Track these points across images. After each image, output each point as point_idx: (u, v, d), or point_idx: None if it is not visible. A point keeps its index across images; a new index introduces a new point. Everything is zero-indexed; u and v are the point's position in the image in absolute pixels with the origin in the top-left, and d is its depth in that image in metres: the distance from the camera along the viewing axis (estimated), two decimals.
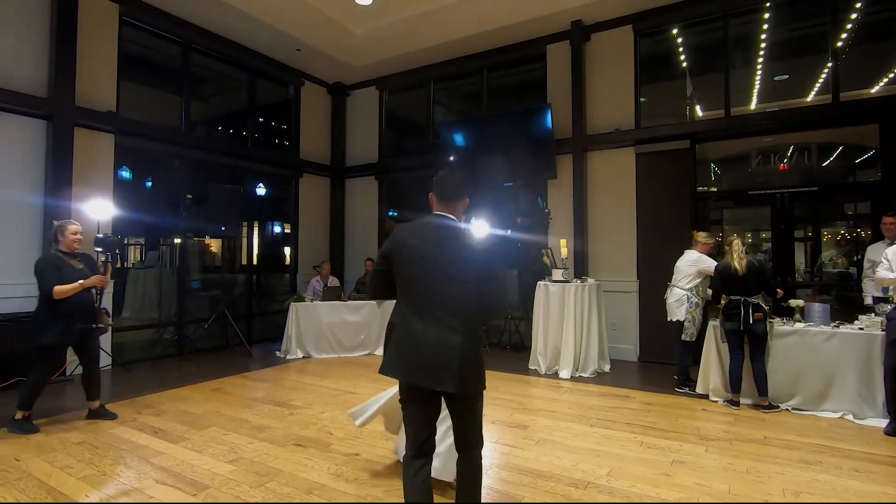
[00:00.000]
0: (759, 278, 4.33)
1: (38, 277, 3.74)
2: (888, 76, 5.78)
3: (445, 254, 2.02)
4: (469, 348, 1.97)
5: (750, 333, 4.31)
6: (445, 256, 2.02)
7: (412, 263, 2.04)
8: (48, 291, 3.68)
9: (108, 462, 3.22)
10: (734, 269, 4.34)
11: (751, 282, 4.31)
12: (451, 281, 2.00)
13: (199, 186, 7.29)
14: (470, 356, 1.97)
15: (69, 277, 3.76)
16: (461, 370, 1.93)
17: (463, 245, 2.04)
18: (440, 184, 2.14)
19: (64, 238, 3.85)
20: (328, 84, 9.02)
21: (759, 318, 4.23)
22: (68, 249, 3.87)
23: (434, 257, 2.02)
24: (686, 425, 3.99)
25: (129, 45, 6.33)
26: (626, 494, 2.80)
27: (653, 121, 6.64)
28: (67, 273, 3.77)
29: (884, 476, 3.06)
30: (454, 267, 2.00)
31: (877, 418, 3.97)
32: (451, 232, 2.07)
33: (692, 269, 4.99)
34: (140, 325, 6.77)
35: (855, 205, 6.77)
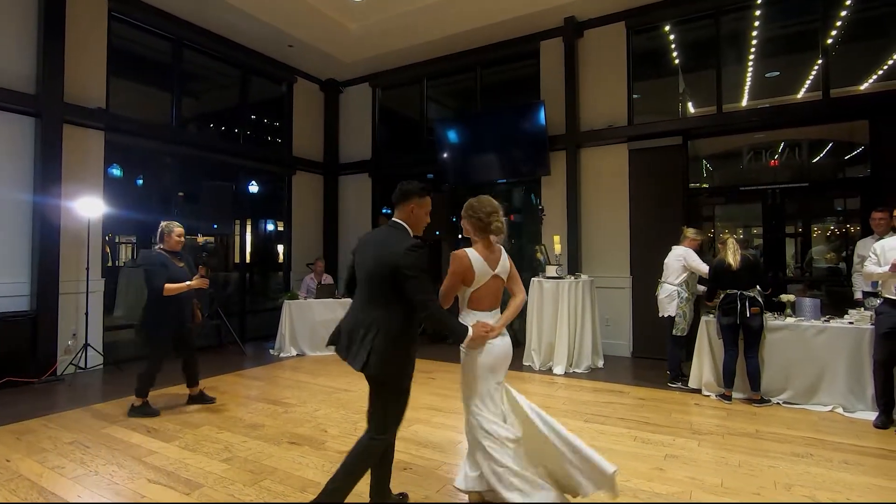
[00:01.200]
0: (754, 272, 4.38)
1: (148, 275, 4.00)
2: (878, 73, 5.83)
3: (377, 253, 2.29)
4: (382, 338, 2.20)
5: (746, 328, 4.34)
6: (376, 255, 2.29)
7: (359, 260, 2.40)
8: (159, 288, 3.94)
9: (101, 462, 3.19)
10: (728, 264, 4.38)
11: (745, 276, 4.35)
12: (375, 276, 2.26)
13: (191, 184, 7.25)
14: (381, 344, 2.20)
15: (175, 275, 4.03)
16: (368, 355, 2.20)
17: (390, 244, 2.25)
18: (392, 195, 2.45)
19: (169, 238, 4.15)
20: (321, 81, 8.97)
21: (755, 312, 4.27)
22: (172, 249, 4.15)
23: (369, 255, 2.32)
24: (679, 420, 4.02)
25: (118, 40, 6.26)
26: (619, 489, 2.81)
27: (646, 117, 6.66)
28: (174, 271, 4.05)
29: (873, 468, 3.10)
30: (379, 263, 2.25)
31: (866, 411, 4.02)
32: (390, 232, 2.35)
33: (678, 264, 5.02)
34: (132, 324, 6.70)
35: (844, 200, 6.83)
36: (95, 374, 5.56)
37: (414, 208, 2.38)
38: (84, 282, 5.53)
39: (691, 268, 4.94)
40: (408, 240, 2.26)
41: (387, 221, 2.41)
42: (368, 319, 2.25)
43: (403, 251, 2.18)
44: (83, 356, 5.51)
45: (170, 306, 4.03)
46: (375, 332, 2.21)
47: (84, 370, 5.52)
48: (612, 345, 6.40)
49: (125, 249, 7.73)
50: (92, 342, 5.59)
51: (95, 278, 5.74)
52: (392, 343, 2.21)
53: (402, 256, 2.17)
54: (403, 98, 8.93)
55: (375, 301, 2.26)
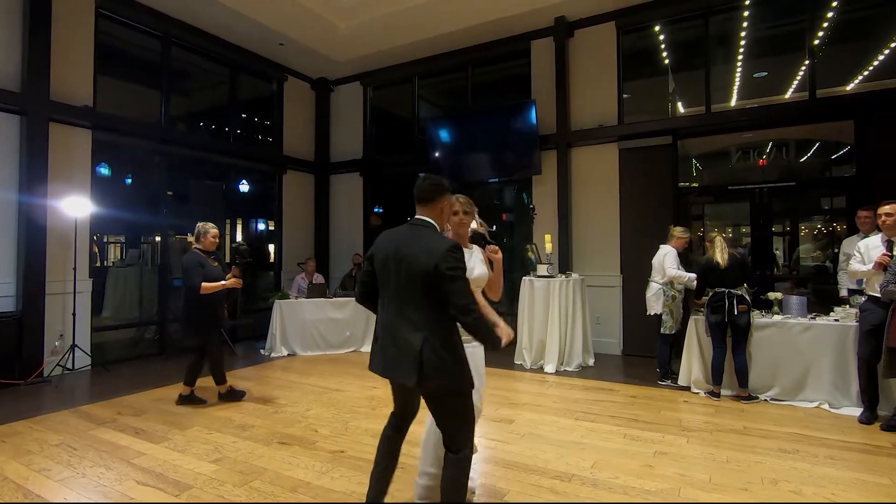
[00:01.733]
0: (741, 271, 4.43)
1: (186, 273, 4.22)
2: (863, 73, 5.91)
3: (410, 254, 2.08)
4: (431, 346, 2.02)
5: (733, 325, 4.40)
6: (409, 256, 2.08)
7: (384, 264, 2.17)
8: (197, 287, 4.16)
9: (88, 464, 3.16)
10: (716, 262, 4.43)
11: (733, 274, 4.40)
12: (413, 280, 2.06)
13: (181, 183, 7.18)
14: (431, 353, 2.01)
15: (211, 274, 4.27)
16: (420, 366, 2.00)
17: (426, 245, 2.07)
18: (416, 188, 2.24)
19: (205, 239, 4.39)
20: (312, 79, 8.93)
21: (743, 309, 4.33)
22: (207, 249, 4.39)
23: (400, 258, 2.10)
24: (668, 417, 4.05)
25: (106, 38, 6.19)
26: (609, 486, 2.84)
27: (636, 117, 6.70)
28: (209, 270, 4.28)
29: (857, 463, 3.15)
30: (417, 266, 2.04)
31: (851, 407, 4.08)
32: (419, 232, 2.15)
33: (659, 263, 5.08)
34: (120, 325, 6.65)
35: (831, 199, 6.92)
36: (83, 375, 5.50)
37: (444, 207, 2.23)
38: (71, 282, 5.46)
39: (664, 268, 4.99)
40: (445, 240, 2.10)
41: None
42: (411, 328, 2.06)
43: (444, 251, 2.00)
44: (70, 357, 5.45)
45: (207, 303, 4.25)
46: (422, 340, 2.02)
47: (71, 371, 5.46)
48: (603, 343, 6.44)
49: (113, 249, 7.66)
50: (79, 343, 5.53)
51: (83, 278, 5.67)
52: (444, 349, 2.03)
53: (443, 257, 1.99)
54: (395, 97, 8.92)
55: (415, 307, 2.06)
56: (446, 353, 2.04)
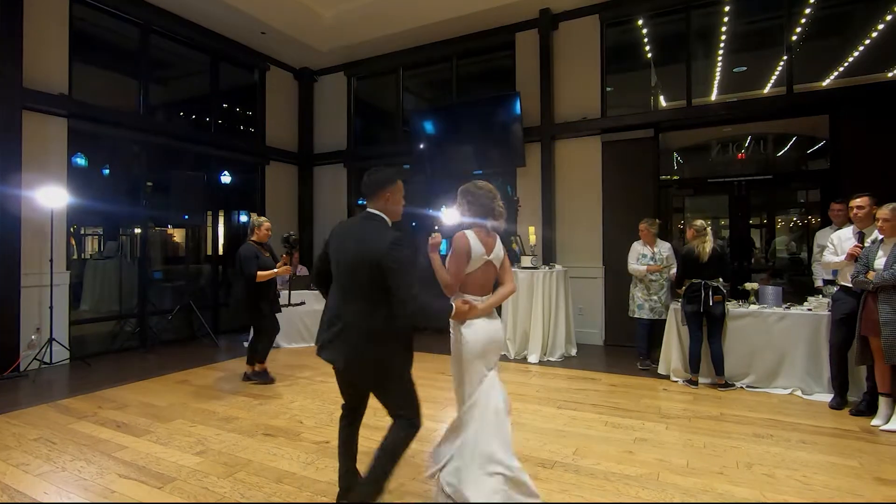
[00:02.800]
0: (720, 264, 4.53)
1: (242, 263, 4.56)
2: (838, 70, 6.05)
3: (355, 246, 2.19)
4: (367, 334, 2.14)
5: (709, 315, 4.50)
6: (354, 249, 2.19)
7: (335, 254, 2.29)
8: (253, 275, 4.52)
9: (68, 458, 3.12)
10: (698, 254, 4.51)
11: (712, 267, 4.49)
12: (356, 271, 2.17)
13: (160, 174, 7.04)
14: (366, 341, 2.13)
15: (264, 263, 4.63)
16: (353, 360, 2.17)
17: (370, 239, 2.16)
18: (362, 183, 2.36)
19: (259, 231, 4.74)
20: (295, 69, 8.80)
21: (718, 300, 4.44)
22: (261, 241, 4.73)
23: (345, 249, 2.23)
24: (648, 405, 4.15)
25: (82, 24, 6.01)
26: (591, 472, 2.90)
27: (619, 110, 6.77)
28: (263, 260, 4.64)
29: (828, 446, 3.27)
30: (360, 258, 2.15)
31: (823, 393, 4.23)
32: (365, 225, 2.25)
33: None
34: (99, 318, 6.53)
35: (806, 192, 7.11)
36: (61, 369, 5.40)
37: (389, 196, 2.30)
38: (48, 274, 5.34)
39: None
40: (389, 233, 2.19)
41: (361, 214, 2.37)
42: (348, 317, 2.17)
43: (388, 246, 2.09)
44: (48, 351, 5.33)
45: (262, 289, 4.65)
46: (356, 330, 2.14)
47: (49, 365, 5.34)
48: (585, 333, 6.53)
49: (91, 241, 7.50)
50: (57, 336, 5.41)
51: (60, 271, 5.55)
52: (374, 340, 2.14)
53: (386, 252, 2.08)
54: (379, 88, 8.85)
55: (355, 297, 2.18)
56: (375, 343, 2.14)
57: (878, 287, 3.48)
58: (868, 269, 3.59)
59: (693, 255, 4.54)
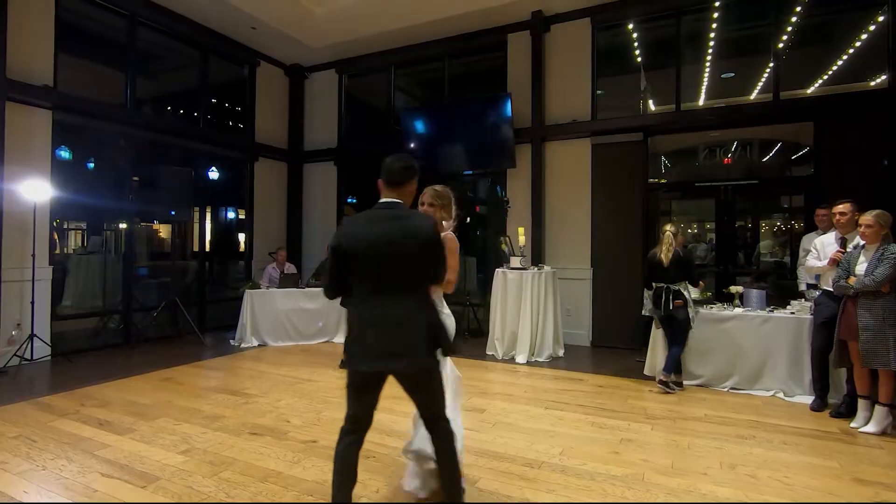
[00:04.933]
0: (683, 268, 4.53)
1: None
2: (823, 77, 6.17)
3: (393, 237, 1.99)
4: (429, 323, 2.05)
5: (671, 319, 4.53)
6: (393, 240, 1.99)
7: (359, 252, 2.01)
8: None
9: (49, 456, 3.07)
10: (659, 259, 4.55)
11: (674, 271, 4.50)
12: (401, 262, 2.01)
13: (147, 168, 6.94)
14: (430, 330, 2.04)
15: None
16: (416, 349, 2.01)
17: (410, 225, 2.03)
18: (386, 169, 2.16)
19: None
20: (286, 65, 8.73)
21: (679, 304, 4.46)
22: None
23: (375, 242, 1.99)
24: (634, 405, 4.19)
25: (67, 15, 5.90)
26: (577, 472, 2.92)
27: (608, 113, 6.82)
28: None
29: (808, 448, 3.33)
30: (403, 248, 1.99)
31: (804, 395, 4.30)
32: (397, 213, 2.08)
33: None
34: (82, 314, 6.43)
35: (790, 198, 7.22)
36: (42, 365, 5.31)
37: (413, 190, 2.16)
38: (29, 269, 5.24)
39: None
40: (425, 217, 2.12)
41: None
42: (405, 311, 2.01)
43: (430, 229, 2.02)
44: (28, 347, 5.23)
45: None
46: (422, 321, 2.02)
47: (30, 362, 5.25)
48: (573, 334, 6.57)
49: (74, 236, 7.37)
50: (38, 332, 5.31)
51: (42, 265, 5.45)
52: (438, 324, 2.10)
53: (430, 236, 2.00)
54: (371, 86, 8.81)
55: (405, 290, 2.01)
56: (440, 327, 2.10)
57: (859, 292, 3.55)
58: (849, 274, 3.66)
59: (655, 260, 4.59)
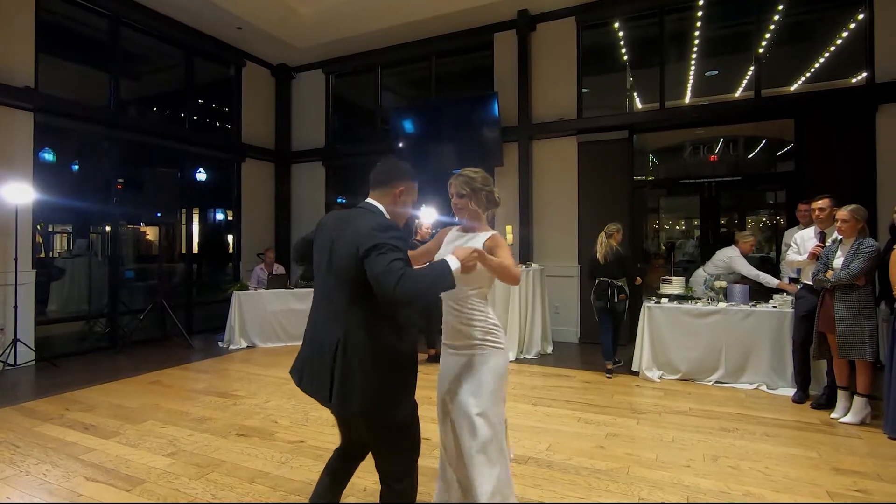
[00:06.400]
0: (620, 265, 4.95)
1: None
2: (805, 75, 6.26)
3: (339, 239, 1.73)
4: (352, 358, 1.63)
5: (612, 311, 4.98)
6: (337, 243, 1.73)
7: (318, 251, 1.84)
8: None
9: (32, 461, 3.04)
10: (597, 258, 5.02)
11: (613, 267, 4.95)
12: (338, 271, 1.71)
13: (132, 170, 6.88)
14: (352, 367, 1.63)
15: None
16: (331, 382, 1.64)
17: (356, 228, 1.68)
18: (372, 172, 1.93)
19: (420, 231, 5.26)
20: (272, 65, 8.69)
21: (622, 298, 4.93)
22: (422, 238, 5.24)
23: (330, 245, 1.76)
24: (620, 401, 4.24)
25: (48, 15, 5.83)
26: (563, 467, 2.96)
27: (594, 111, 6.87)
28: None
29: (789, 439, 3.39)
30: (342, 253, 1.69)
31: (787, 388, 4.37)
32: (355, 215, 1.79)
33: None
34: (68, 318, 6.36)
35: (775, 194, 7.33)
36: (27, 370, 5.24)
37: (401, 193, 1.85)
38: (12, 273, 5.17)
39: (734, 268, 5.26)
40: (377, 218, 1.72)
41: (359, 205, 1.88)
42: (337, 334, 1.66)
43: (368, 230, 1.62)
44: (12, 352, 5.18)
45: None
46: (341, 350, 1.64)
47: (14, 367, 5.18)
48: (561, 331, 6.62)
49: (59, 239, 7.29)
50: (22, 337, 5.25)
51: (25, 269, 5.39)
52: (370, 363, 1.63)
53: (366, 237, 1.60)
54: (358, 86, 8.80)
55: (343, 307, 1.68)
56: (372, 368, 1.63)
57: (835, 285, 3.63)
58: (827, 268, 3.73)
59: (595, 258, 5.05)
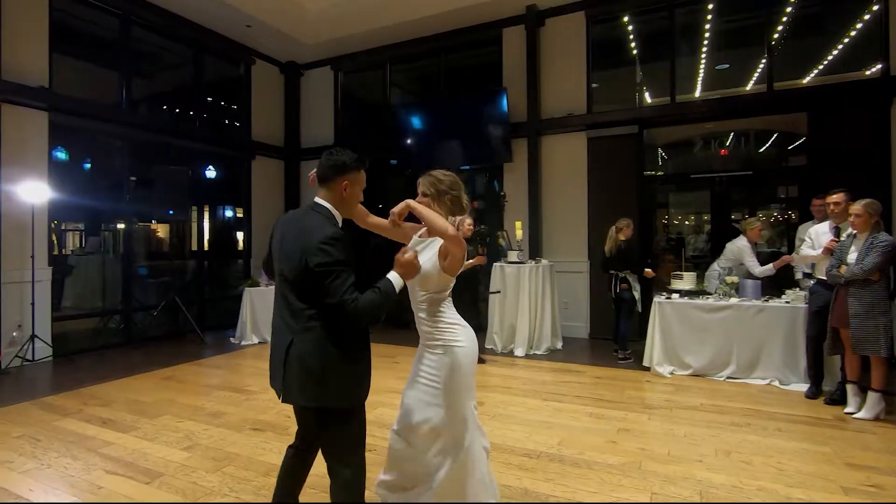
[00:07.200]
0: (623, 258, 5.28)
1: None
2: (818, 68, 6.18)
3: (287, 245, 1.84)
4: (298, 352, 1.77)
5: (619, 300, 5.35)
6: (286, 247, 1.84)
7: (275, 252, 1.93)
8: None
9: (53, 455, 3.11)
10: (604, 251, 5.43)
11: (617, 261, 5.31)
12: (285, 274, 1.83)
13: (144, 168, 6.96)
14: (296, 361, 1.77)
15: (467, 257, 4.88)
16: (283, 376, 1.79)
17: (303, 235, 1.78)
18: (318, 167, 1.94)
19: (462, 228, 5.06)
20: (281, 63, 8.73)
21: (624, 288, 5.32)
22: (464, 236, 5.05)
23: (280, 247, 1.88)
24: (632, 396, 4.24)
25: (61, 15, 5.89)
26: (574, 461, 2.97)
27: (604, 106, 6.84)
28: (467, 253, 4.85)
29: (801, 434, 3.38)
30: (289, 258, 1.80)
31: (799, 383, 4.35)
32: (303, 218, 1.87)
33: None
34: (82, 314, 6.45)
35: (786, 188, 7.26)
36: (44, 366, 5.34)
37: (348, 185, 1.89)
38: (29, 270, 5.26)
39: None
40: (327, 228, 1.76)
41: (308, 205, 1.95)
42: (283, 329, 1.82)
43: (316, 245, 1.70)
44: (30, 348, 5.27)
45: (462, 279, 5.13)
46: (289, 345, 1.78)
47: (32, 362, 5.28)
48: (571, 327, 6.62)
49: (72, 237, 7.38)
50: (39, 333, 5.35)
51: (42, 267, 5.47)
52: (312, 356, 1.76)
53: (313, 251, 1.70)
54: (366, 82, 8.82)
55: (287, 304, 1.82)
56: (314, 361, 1.76)
57: (849, 280, 3.60)
58: (842, 263, 3.71)
59: (604, 252, 5.44)
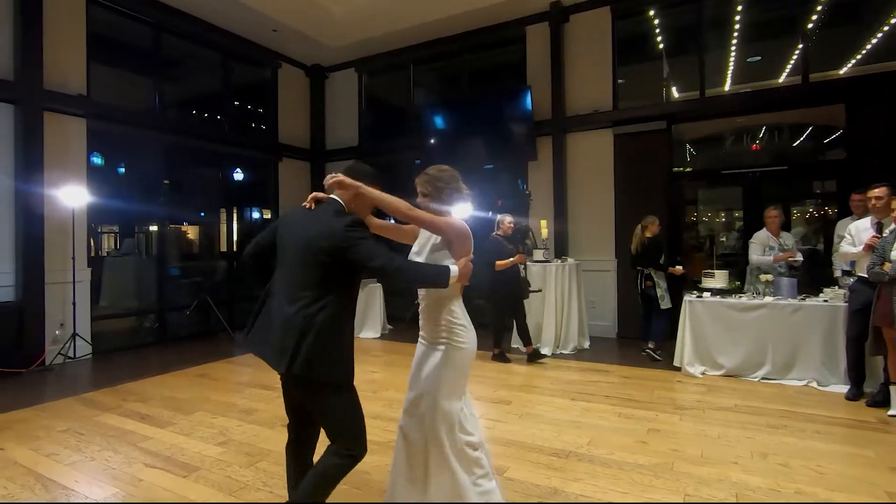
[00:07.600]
0: (648, 255, 5.33)
1: (486, 255, 5.09)
2: (855, 58, 5.96)
3: (306, 232, 1.97)
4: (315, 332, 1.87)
5: (645, 296, 5.40)
6: (305, 235, 1.97)
7: (282, 240, 2.07)
8: (492, 264, 5.15)
9: (96, 448, 3.23)
10: (632, 248, 5.46)
11: (643, 258, 5.36)
12: (306, 260, 1.94)
13: (175, 171, 7.17)
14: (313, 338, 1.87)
15: (506, 255, 5.23)
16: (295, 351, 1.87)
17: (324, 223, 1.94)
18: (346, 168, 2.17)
19: (502, 226, 5.40)
20: (306, 66, 8.87)
21: (649, 285, 5.35)
22: (504, 234, 5.37)
23: (295, 234, 2.01)
24: (662, 396, 4.16)
25: (97, 26, 6.11)
26: (604, 461, 2.94)
27: (630, 102, 6.73)
28: (505, 251, 5.24)
29: (842, 437, 3.26)
30: (311, 246, 1.92)
31: (839, 385, 4.20)
32: (321, 209, 2.04)
33: None
34: (119, 314, 6.68)
35: (822, 183, 7.01)
36: (85, 363, 5.55)
37: (358, 196, 2.07)
38: (70, 271, 5.48)
39: None
40: (345, 216, 1.95)
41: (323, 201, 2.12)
42: (294, 309, 1.90)
43: (343, 229, 1.87)
44: (72, 346, 5.49)
45: (503, 278, 5.20)
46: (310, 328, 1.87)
47: (73, 360, 5.50)
48: (598, 326, 6.54)
49: (107, 239, 7.65)
50: (80, 332, 5.57)
51: (82, 268, 5.69)
52: (327, 334, 1.89)
53: (341, 237, 1.86)
54: (390, 83, 8.88)
55: (305, 291, 1.92)
56: (328, 339, 1.90)
57: (893, 278, 3.45)
58: (884, 260, 3.56)
59: (630, 249, 5.48)
